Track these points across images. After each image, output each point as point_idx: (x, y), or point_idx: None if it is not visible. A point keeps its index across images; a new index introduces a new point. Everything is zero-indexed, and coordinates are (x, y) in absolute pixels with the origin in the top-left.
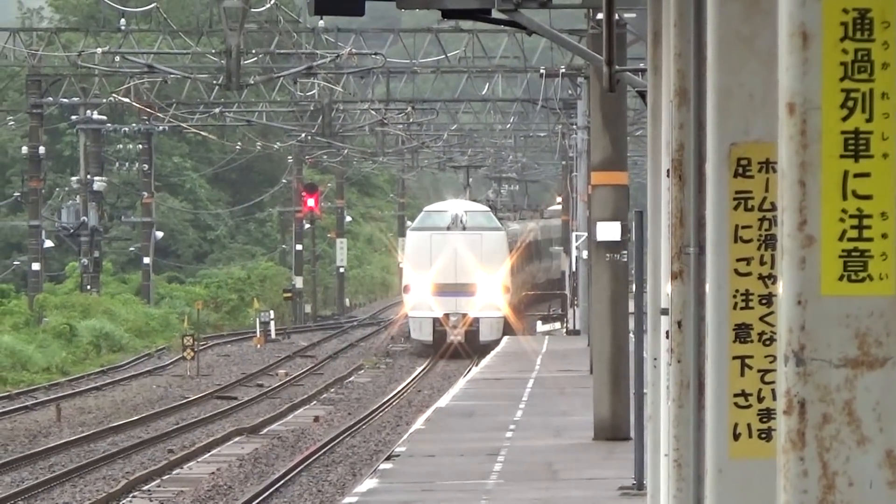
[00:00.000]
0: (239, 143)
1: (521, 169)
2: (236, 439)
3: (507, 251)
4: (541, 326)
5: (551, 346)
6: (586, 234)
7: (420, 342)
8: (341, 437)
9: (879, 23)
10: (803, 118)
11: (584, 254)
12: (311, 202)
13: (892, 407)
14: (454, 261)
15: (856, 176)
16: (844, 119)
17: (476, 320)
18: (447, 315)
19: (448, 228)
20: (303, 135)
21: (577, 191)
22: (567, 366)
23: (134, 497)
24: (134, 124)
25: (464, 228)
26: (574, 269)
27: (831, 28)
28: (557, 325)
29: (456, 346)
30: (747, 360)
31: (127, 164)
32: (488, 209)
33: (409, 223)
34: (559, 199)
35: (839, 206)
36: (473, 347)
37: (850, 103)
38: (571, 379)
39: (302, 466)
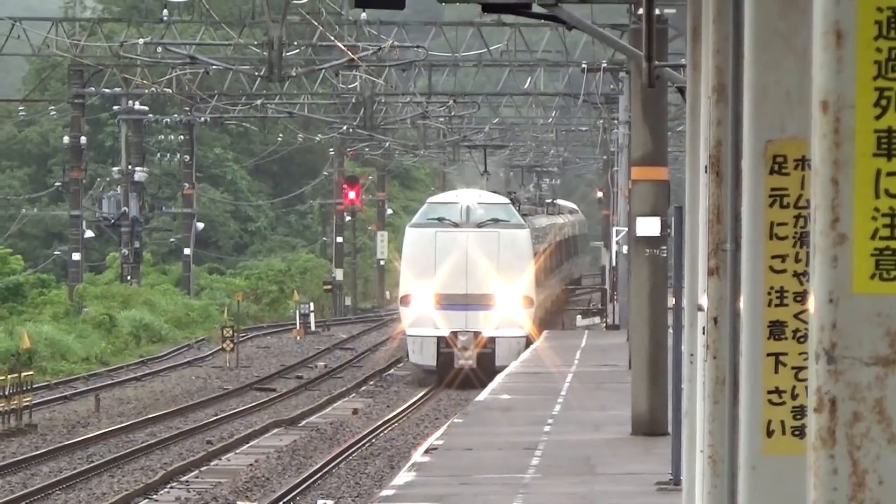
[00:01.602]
0: (280, 135)
1: (562, 163)
2: (275, 431)
3: (532, 253)
4: (580, 321)
5: (591, 340)
6: (626, 229)
7: (420, 367)
8: (379, 430)
9: None
10: (836, 116)
11: (624, 248)
12: (352, 194)
13: None
14: (464, 266)
15: (888, 175)
16: (878, 118)
17: (491, 340)
18: (455, 334)
19: (457, 225)
20: (344, 127)
21: (617, 186)
22: (606, 360)
23: (171, 488)
24: (175, 115)
25: (477, 225)
26: (614, 263)
27: (865, 26)
28: (597, 319)
29: (466, 373)
30: (781, 357)
31: (168, 154)
32: (508, 201)
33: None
34: (600, 194)
35: (872, 204)
36: (487, 374)
37: (884, 102)
38: (610, 374)
39: (340, 459)
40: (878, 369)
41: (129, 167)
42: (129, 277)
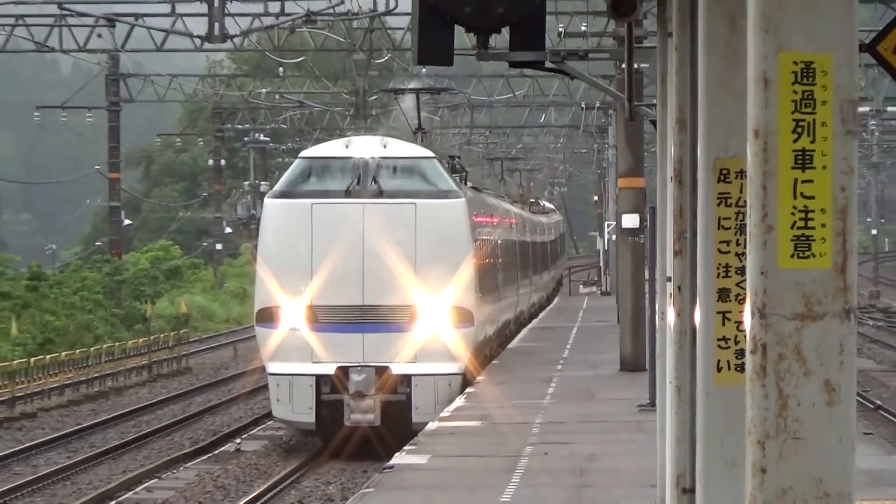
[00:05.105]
0: None
1: (568, 176)
2: None
3: (471, 238)
4: (582, 289)
5: (590, 303)
6: (615, 223)
7: (289, 424)
8: None
9: (819, 72)
10: (765, 140)
11: (613, 237)
12: None
13: (828, 348)
14: (360, 259)
15: (803, 182)
16: (794, 141)
17: (405, 381)
18: (344, 371)
19: (348, 193)
20: None
21: (608, 192)
22: (601, 318)
23: None
24: (289, 144)
25: (380, 193)
26: (606, 248)
27: (785, 76)
28: (594, 288)
29: (365, 434)
30: (727, 314)
31: None
32: (432, 155)
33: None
34: (595, 198)
35: (791, 203)
36: (399, 434)
37: (799, 129)
38: (604, 327)
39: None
40: (796, 322)
41: (256, 181)
42: None
